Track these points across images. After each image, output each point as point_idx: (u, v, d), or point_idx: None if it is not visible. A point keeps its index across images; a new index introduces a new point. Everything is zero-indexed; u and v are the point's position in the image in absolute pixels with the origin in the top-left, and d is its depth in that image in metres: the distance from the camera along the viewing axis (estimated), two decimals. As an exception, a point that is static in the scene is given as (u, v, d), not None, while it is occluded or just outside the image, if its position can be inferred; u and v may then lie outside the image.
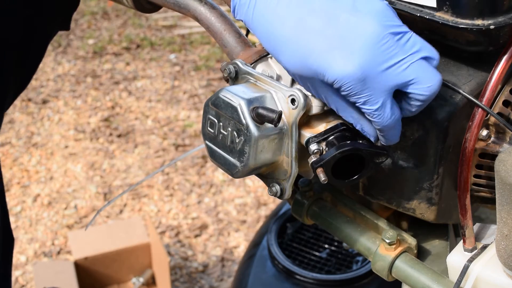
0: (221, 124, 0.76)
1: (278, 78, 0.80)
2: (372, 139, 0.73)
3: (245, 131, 0.72)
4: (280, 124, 0.74)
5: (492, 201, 0.79)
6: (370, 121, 0.72)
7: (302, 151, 0.75)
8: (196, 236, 2.92)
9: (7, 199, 3.15)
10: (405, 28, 0.68)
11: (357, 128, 0.73)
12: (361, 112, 0.71)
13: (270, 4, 0.71)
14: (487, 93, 0.74)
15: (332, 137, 0.73)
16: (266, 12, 0.71)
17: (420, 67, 0.67)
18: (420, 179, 0.78)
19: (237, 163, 0.74)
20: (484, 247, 0.80)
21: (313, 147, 0.73)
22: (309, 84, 0.72)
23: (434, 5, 0.71)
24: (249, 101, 0.73)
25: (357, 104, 0.69)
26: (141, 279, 2.59)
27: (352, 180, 0.75)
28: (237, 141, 0.74)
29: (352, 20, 0.66)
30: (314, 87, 0.72)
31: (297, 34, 0.68)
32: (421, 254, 0.90)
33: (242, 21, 0.75)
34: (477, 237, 0.81)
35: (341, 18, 0.67)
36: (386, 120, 0.69)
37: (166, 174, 3.29)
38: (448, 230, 0.92)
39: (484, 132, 0.76)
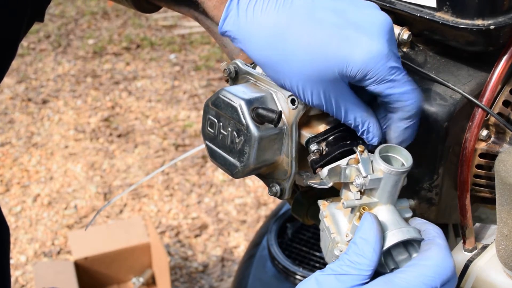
0: (221, 124, 0.76)
1: (278, 78, 0.80)
2: (376, 140, 0.72)
3: (245, 131, 0.72)
4: (280, 124, 0.73)
5: (492, 201, 0.79)
6: (377, 120, 0.71)
7: (302, 151, 0.75)
8: (196, 236, 2.92)
9: (7, 199, 3.15)
10: None
11: (363, 129, 0.71)
12: (370, 111, 0.70)
13: (270, 7, 0.67)
14: (487, 93, 0.74)
15: (332, 137, 0.73)
16: (268, 15, 0.67)
17: None
18: (420, 179, 0.78)
19: (237, 163, 0.74)
20: (484, 247, 0.80)
21: (313, 147, 0.73)
22: (321, 88, 0.68)
23: (434, 5, 0.71)
24: (249, 101, 0.73)
25: (386, 92, 0.66)
26: (141, 279, 2.59)
27: (352, 180, 0.75)
28: (237, 141, 0.74)
29: (361, 11, 0.66)
30: (326, 90, 0.68)
31: (311, 30, 0.66)
32: (421, 254, 0.90)
33: (229, 36, 0.70)
34: (477, 237, 0.81)
35: (349, 11, 0.66)
36: (418, 101, 0.68)
37: (166, 174, 3.29)
38: (448, 230, 0.92)
39: (484, 132, 0.76)
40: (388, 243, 0.64)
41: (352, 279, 0.62)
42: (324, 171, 0.70)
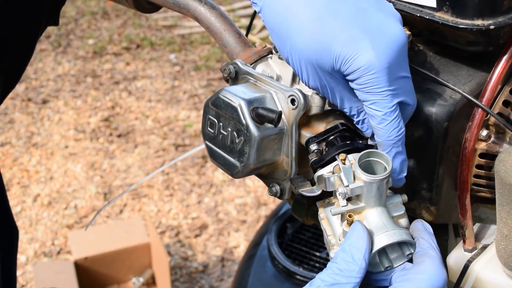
0: (221, 124, 0.76)
1: (278, 78, 0.80)
2: (371, 131, 0.72)
3: (245, 131, 0.72)
4: (280, 124, 0.73)
5: (492, 201, 0.79)
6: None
7: (302, 151, 0.75)
8: (196, 236, 2.92)
9: (7, 199, 3.15)
10: None
11: (358, 119, 0.72)
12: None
13: None
14: (487, 93, 0.74)
15: (332, 137, 0.73)
16: None
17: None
18: (420, 179, 0.78)
19: (237, 163, 0.74)
20: (484, 247, 0.80)
21: (313, 147, 0.73)
22: (318, 74, 0.69)
23: (434, 5, 0.71)
24: (249, 102, 0.73)
25: (366, 104, 0.67)
26: (141, 279, 2.59)
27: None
28: (237, 141, 0.74)
29: (380, 16, 0.66)
30: (323, 77, 0.69)
31: (324, 17, 0.66)
32: (421, 254, 0.89)
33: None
34: (477, 237, 0.81)
35: (369, 11, 0.66)
36: (392, 130, 0.68)
37: (166, 174, 3.29)
38: (448, 230, 0.92)
39: (484, 132, 0.76)
40: (375, 248, 0.65)
41: None
42: (315, 177, 0.70)
